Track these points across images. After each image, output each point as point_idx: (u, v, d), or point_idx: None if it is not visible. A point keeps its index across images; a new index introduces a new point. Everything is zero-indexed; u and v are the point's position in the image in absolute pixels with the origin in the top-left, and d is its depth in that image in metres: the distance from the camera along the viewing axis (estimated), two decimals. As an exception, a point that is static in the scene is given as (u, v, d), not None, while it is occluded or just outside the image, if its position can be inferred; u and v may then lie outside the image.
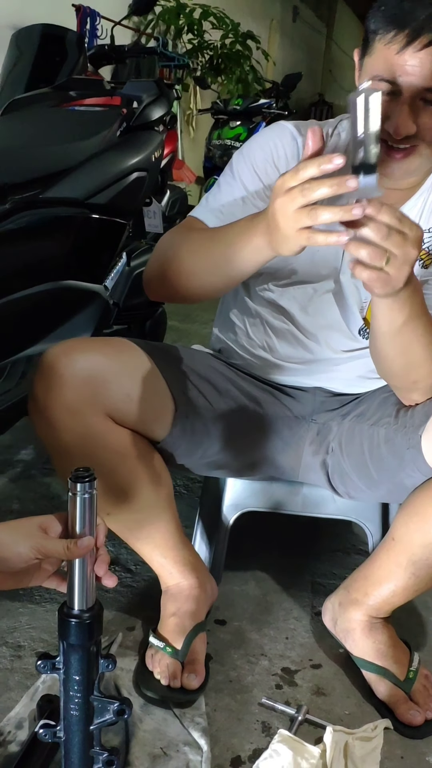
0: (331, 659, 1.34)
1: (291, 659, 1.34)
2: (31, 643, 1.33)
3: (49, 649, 1.31)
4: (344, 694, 1.27)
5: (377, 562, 1.25)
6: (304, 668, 1.32)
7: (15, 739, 1.11)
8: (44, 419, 1.15)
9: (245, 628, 1.41)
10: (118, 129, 1.88)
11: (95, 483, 0.86)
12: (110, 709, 0.90)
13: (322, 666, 1.33)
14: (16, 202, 1.52)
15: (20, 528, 0.85)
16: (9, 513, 1.75)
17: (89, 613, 0.88)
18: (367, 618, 1.27)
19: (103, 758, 0.92)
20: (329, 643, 1.37)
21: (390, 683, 1.23)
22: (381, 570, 1.24)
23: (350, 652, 1.29)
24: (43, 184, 1.59)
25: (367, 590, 1.26)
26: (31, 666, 1.27)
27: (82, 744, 0.92)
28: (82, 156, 1.70)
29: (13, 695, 1.21)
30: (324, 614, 1.36)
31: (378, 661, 1.25)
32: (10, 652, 1.31)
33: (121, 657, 1.30)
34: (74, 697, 0.90)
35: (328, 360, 1.34)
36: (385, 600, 1.24)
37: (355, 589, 1.28)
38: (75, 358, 1.13)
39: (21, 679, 1.24)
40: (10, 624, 1.37)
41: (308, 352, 1.33)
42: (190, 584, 1.32)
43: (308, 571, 1.60)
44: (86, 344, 1.19)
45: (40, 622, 1.38)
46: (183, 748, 1.13)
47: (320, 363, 1.34)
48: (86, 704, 0.90)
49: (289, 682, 1.29)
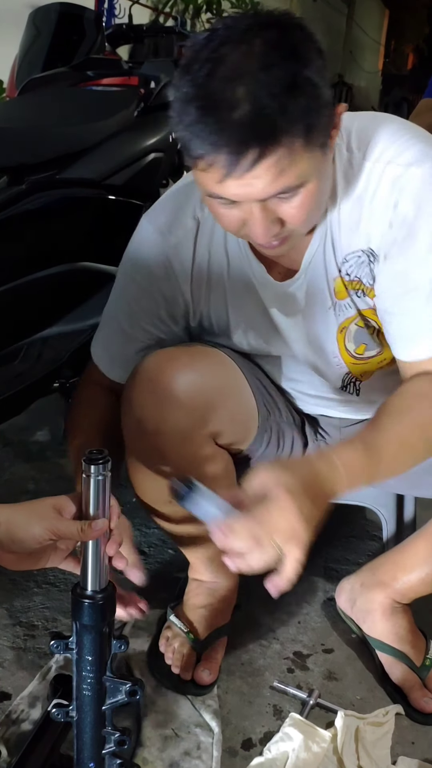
0: (344, 644, 1.34)
1: (303, 643, 1.34)
2: (44, 622, 1.34)
3: (62, 629, 1.32)
4: (356, 679, 1.27)
5: (412, 548, 1.25)
6: (316, 653, 1.32)
7: (28, 718, 1.12)
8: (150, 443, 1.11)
9: (257, 611, 1.41)
10: (135, 109, 1.87)
11: (109, 465, 0.86)
12: (122, 690, 0.91)
13: (335, 651, 1.33)
14: (32, 183, 1.51)
15: (35, 509, 0.86)
16: (24, 494, 1.76)
17: (102, 594, 0.88)
18: (390, 601, 1.28)
19: (115, 738, 0.93)
20: (341, 628, 1.37)
21: (406, 668, 1.23)
22: (415, 557, 1.24)
23: (367, 634, 1.29)
24: (60, 164, 1.58)
25: (395, 574, 1.26)
26: (44, 645, 1.28)
27: (94, 724, 0.92)
28: (99, 136, 1.68)
29: (26, 674, 1.22)
30: (339, 594, 1.36)
31: (396, 644, 1.25)
32: (24, 632, 1.32)
33: (134, 638, 1.31)
34: (87, 678, 0.90)
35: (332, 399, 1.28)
36: (411, 587, 1.25)
37: (383, 571, 1.28)
38: (189, 381, 1.09)
39: (34, 658, 1.25)
40: (24, 603, 1.38)
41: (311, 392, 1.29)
42: (227, 586, 1.31)
43: (321, 556, 1.60)
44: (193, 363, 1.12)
45: (53, 602, 1.39)
46: (194, 730, 1.14)
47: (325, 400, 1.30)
48: (99, 684, 0.91)
49: (300, 666, 1.29)
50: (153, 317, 1.16)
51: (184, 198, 1.11)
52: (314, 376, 1.22)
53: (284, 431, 1.27)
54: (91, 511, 0.86)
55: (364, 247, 1.04)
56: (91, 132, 1.69)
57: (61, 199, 1.56)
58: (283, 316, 1.14)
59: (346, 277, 1.07)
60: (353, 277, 1.07)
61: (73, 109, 1.84)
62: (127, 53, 4.34)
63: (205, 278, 1.13)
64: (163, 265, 1.12)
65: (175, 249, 1.11)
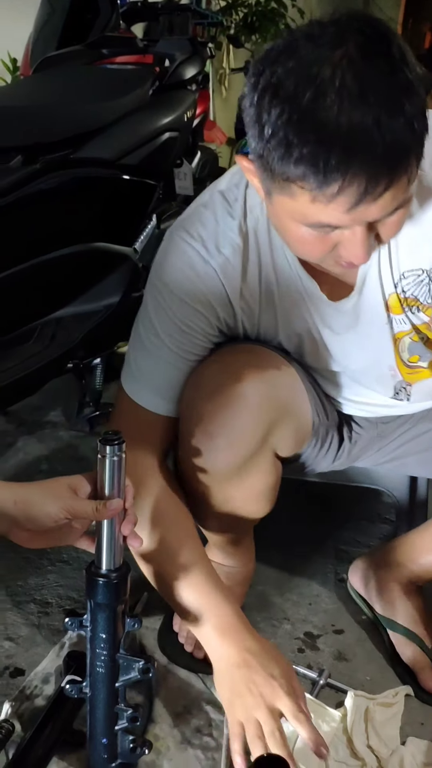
0: (354, 625, 1.35)
1: (313, 624, 1.35)
2: (58, 600, 1.36)
3: (76, 606, 1.34)
4: (366, 660, 1.28)
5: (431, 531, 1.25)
6: (327, 633, 1.33)
7: (41, 694, 1.13)
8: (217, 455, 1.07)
9: (269, 592, 1.41)
10: (150, 88, 1.86)
11: (123, 446, 0.86)
12: (135, 668, 0.92)
13: (345, 631, 1.34)
14: (46, 162, 1.51)
15: (50, 488, 0.86)
16: (38, 473, 1.77)
17: (116, 573, 0.89)
18: (406, 581, 1.28)
19: (127, 715, 0.94)
20: (352, 609, 1.37)
21: (417, 649, 1.24)
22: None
23: (380, 614, 1.30)
24: (75, 143, 1.58)
25: (413, 556, 1.27)
26: (58, 622, 1.29)
27: (107, 700, 0.94)
28: (114, 115, 1.68)
29: (40, 650, 1.23)
30: (353, 573, 1.37)
31: (409, 624, 1.26)
32: (38, 609, 1.33)
33: (146, 616, 1.32)
34: (100, 655, 0.92)
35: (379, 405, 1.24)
36: (429, 569, 1.26)
37: (400, 552, 1.28)
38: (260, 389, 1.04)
39: (48, 635, 1.27)
40: (38, 581, 1.40)
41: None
42: (244, 571, 1.31)
43: (332, 538, 1.60)
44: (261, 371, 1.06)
45: (67, 580, 1.40)
46: (206, 707, 1.15)
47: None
48: (112, 662, 0.92)
49: (311, 646, 1.30)
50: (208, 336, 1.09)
51: (227, 212, 1.03)
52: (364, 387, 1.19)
53: (327, 432, 1.25)
54: (106, 491, 0.87)
55: (427, 266, 1.00)
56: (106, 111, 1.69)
57: (74, 179, 1.56)
58: (336, 333, 1.10)
59: (402, 294, 1.03)
60: (410, 294, 1.03)
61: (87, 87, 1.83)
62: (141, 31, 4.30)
63: (256, 296, 1.07)
64: (214, 285, 1.05)
65: (223, 268, 1.04)
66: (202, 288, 1.05)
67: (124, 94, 1.75)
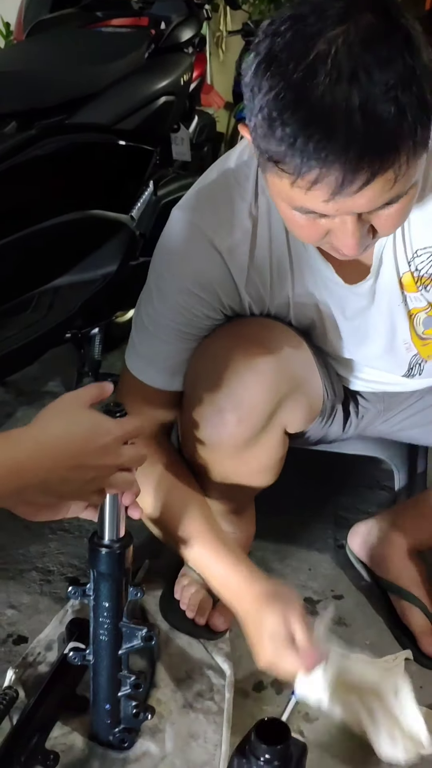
0: (354, 590, 1.36)
1: (313, 590, 1.36)
2: (60, 568, 1.37)
3: (77, 574, 1.35)
4: (366, 625, 1.29)
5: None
6: (326, 599, 1.34)
7: (45, 660, 1.15)
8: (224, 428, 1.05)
9: (268, 558, 1.42)
10: (146, 51, 1.82)
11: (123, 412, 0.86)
12: (138, 635, 0.93)
13: (344, 597, 1.35)
14: (41, 128, 1.48)
15: None
16: (37, 443, 1.77)
17: (119, 544, 0.90)
18: (409, 547, 1.29)
19: (130, 681, 0.96)
20: (352, 574, 1.38)
21: (419, 612, 1.25)
22: None
23: (381, 577, 1.31)
24: (69, 109, 1.55)
25: (416, 521, 1.28)
26: (60, 590, 1.30)
27: (110, 667, 0.95)
28: (109, 79, 1.65)
29: (42, 618, 1.24)
30: (353, 537, 1.37)
31: (411, 588, 1.27)
32: (40, 577, 1.34)
33: (148, 583, 1.32)
34: (103, 623, 0.93)
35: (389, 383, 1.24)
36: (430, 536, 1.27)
37: (404, 518, 1.29)
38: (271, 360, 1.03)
39: (50, 602, 1.28)
40: (40, 549, 1.41)
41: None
42: (243, 537, 1.31)
43: (332, 504, 1.61)
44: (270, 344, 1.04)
45: (69, 548, 1.41)
46: (207, 672, 1.16)
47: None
48: (115, 630, 0.93)
49: (311, 611, 1.31)
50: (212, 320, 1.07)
51: (235, 194, 0.99)
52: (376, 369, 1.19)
53: (333, 407, 1.24)
54: None
55: None
56: (101, 75, 1.66)
57: (70, 145, 1.53)
58: (349, 318, 1.08)
59: (416, 273, 1.01)
60: (424, 272, 1.00)
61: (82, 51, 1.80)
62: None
63: (267, 281, 1.04)
64: (220, 271, 1.02)
65: (231, 254, 1.00)
66: (207, 274, 1.02)
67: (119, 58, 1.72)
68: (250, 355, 1.02)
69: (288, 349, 1.06)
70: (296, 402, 1.09)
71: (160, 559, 1.39)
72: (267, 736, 0.78)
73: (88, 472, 0.79)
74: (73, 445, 0.77)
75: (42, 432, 0.78)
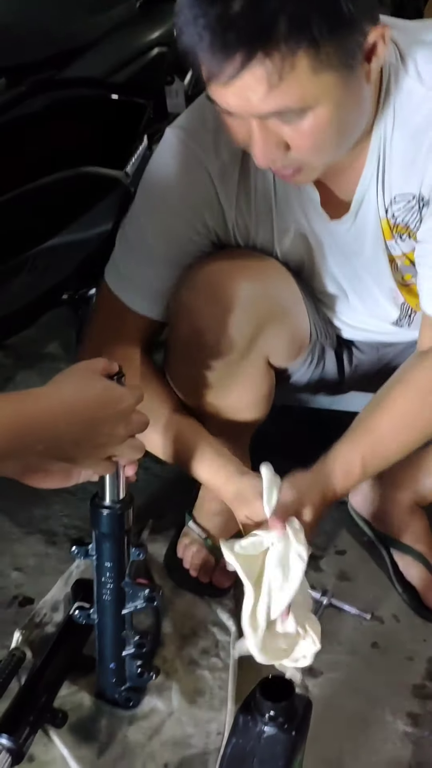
0: (356, 546, 1.37)
1: (315, 545, 1.36)
2: (64, 530, 1.37)
3: (82, 535, 1.34)
4: (369, 580, 1.30)
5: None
6: (329, 554, 1.35)
7: (51, 621, 1.16)
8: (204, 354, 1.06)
9: (271, 516, 1.43)
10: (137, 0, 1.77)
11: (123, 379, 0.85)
12: (141, 595, 0.94)
13: (347, 552, 1.36)
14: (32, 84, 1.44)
15: None
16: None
17: (120, 505, 0.90)
18: (409, 502, 1.29)
19: (134, 641, 0.97)
20: (354, 530, 1.39)
21: (421, 567, 1.26)
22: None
23: (383, 533, 1.31)
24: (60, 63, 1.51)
25: (416, 476, 1.27)
26: (64, 552, 1.31)
27: (114, 627, 0.96)
28: (100, 31, 1.60)
29: (48, 579, 1.25)
30: (354, 494, 1.37)
31: (414, 544, 1.27)
32: (45, 539, 1.35)
33: (151, 543, 1.33)
34: (106, 583, 0.93)
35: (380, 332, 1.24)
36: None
37: (403, 473, 1.29)
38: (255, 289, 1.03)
39: (55, 564, 1.29)
40: (44, 512, 1.41)
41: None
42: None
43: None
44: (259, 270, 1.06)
45: (72, 510, 1.41)
46: (212, 629, 1.18)
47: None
48: (118, 590, 0.94)
49: (314, 567, 1.32)
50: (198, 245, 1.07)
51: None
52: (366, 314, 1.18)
53: (325, 351, 1.24)
54: None
55: (416, 191, 0.97)
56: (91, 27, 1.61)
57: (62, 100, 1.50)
58: (336, 255, 1.08)
59: (392, 220, 1.00)
60: (400, 221, 1.00)
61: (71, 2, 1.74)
62: None
63: (252, 207, 1.04)
64: (206, 188, 1.02)
65: (220, 174, 1.01)
66: (194, 194, 1.02)
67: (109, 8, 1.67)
68: (231, 278, 1.02)
69: (272, 278, 1.07)
70: (279, 330, 1.09)
71: (164, 519, 1.40)
72: (271, 693, 0.78)
73: (99, 437, 0.79)
74: (88, 410, 0.78)
75: (57, 393, 0.79)
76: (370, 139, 0.97)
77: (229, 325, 1.03)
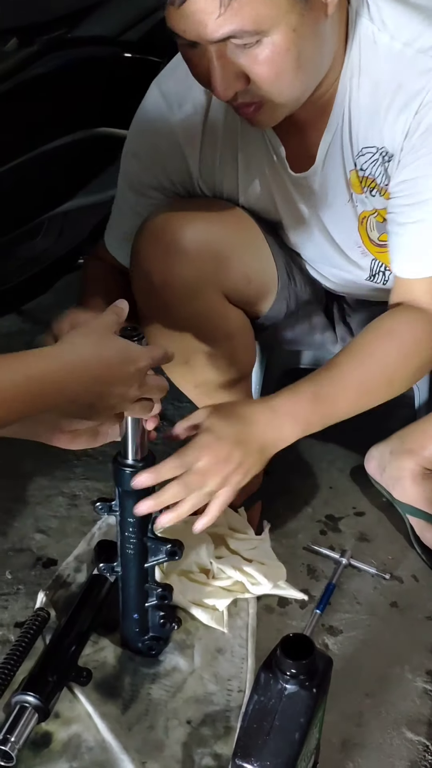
0: (375, 507, 1.37)
1: (334, 507, 1.38)
2: (86, 492, 1.38)
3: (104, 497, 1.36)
4: (387, 540, 1.30)
5: None
6: (348, 515, 1.36)
7: (74, 582, 1.17)
8: (159, 299, 1.06)
9: (289, 477, 1.43)
10: None
11: (144, 341, 0.85)
12: (163, 550, 0.95)
13: (366, 513, 1.36)
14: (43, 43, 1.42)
15: None
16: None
17: (143, 464, 0.91)
18: (420, 468, 1.29)
19: (157, 593, 0.99)
20: (372, 492, 1.39)
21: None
22: None
23: (397, 500, 1.32)
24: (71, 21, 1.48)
25: (424, 442, 1.27)
26: (86, 513, 1.32)
27: (137, 579, 0.98)
28: (111, -12, 1.56)
29: (70, 541, 1.27)
30: (368, 461, 1.38)
31: (427, 508, 1.28)
32: (67, 501, 1.36)
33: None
34: (129, 537, 0.95)
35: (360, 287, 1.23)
36: None
37: (412, 439, 1.29)
38: (197, 231, 1.03)
39: (78, 526, 1.30)
40: (65, 474, 1.42)
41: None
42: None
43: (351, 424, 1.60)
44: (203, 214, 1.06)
45: (93, 472, 1.42)
46: (233, 588, 1.19)
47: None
48: (141, 544, 0.95)
49: (333, 528, 1.33)
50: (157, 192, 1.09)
51: None
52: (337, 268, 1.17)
53: (307, 304, 1.23)
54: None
55: (379, 144, 0.96)
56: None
57: (74, 60, 1.47)
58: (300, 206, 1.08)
59: (361, 173, 1.00)
60: (368, 173, 0.99)
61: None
62: None
63: (219, 154, 1.05)
64: (169, 141, 1.04)
65: (183, 126, 1.02)
66: (159, 145, 1.05)
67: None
68: (177, 222, 1.03)
69: (225, 221, 1.07)
70: (236, 265, 1.08)
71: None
72: (292, 651, 0.79)
73: (111, 398, 0.79)
74: (103, 370, 0.77)
75: (72, 351, 0.78)
76: (337, 90, 0.96)
77: (172, 267, 1.03)
